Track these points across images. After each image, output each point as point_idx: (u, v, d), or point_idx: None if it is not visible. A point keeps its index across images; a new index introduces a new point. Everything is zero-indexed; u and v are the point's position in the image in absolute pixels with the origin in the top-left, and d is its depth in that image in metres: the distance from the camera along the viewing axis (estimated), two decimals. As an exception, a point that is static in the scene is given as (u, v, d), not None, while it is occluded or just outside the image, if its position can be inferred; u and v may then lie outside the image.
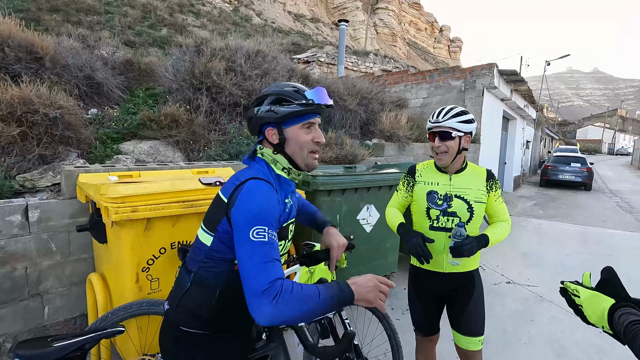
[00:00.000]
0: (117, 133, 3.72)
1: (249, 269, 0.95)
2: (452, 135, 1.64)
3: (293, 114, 1.14)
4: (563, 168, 13.64)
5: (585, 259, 5.13)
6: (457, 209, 1.70)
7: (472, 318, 1.77)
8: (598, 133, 53.55)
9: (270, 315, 0.89)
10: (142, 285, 1.91)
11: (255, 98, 1.22)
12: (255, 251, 0.96)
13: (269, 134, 1.18)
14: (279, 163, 1.19)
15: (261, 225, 0.99)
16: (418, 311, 1.91)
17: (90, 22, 12.03)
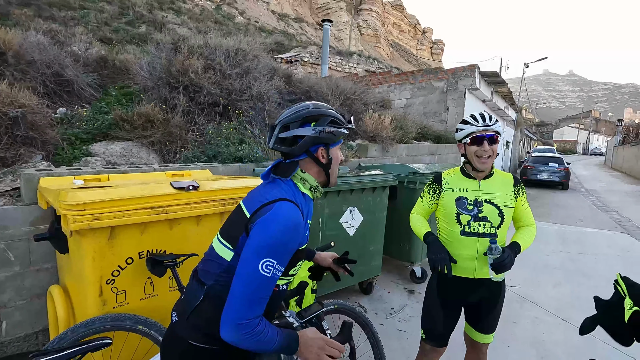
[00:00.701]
0: (87, 134, 3.52)
1: (239, 296, 0.99)
2: (497, 139, 1.69)
3: (343, 135, 1.21)
4: (541, 168, 13.95)
5: (566, 258, 5.20)
6: (488, 214, 1.70)
7: (491, 320, 1.83)
8: (573, 134, 55.41)
9: (231, 341, 0.99)
10: (106, 299, 1.77)
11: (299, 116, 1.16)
12: (254, 282, 0.99)
13: (320, 154, 1.19)
14: (307, 182, 1.19)
15: (273, 259, 1.00)
16: (436, 319, 1.85)
17: (64, 18, 11.56)
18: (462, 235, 1.72)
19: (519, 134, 20.94)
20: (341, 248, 3.24)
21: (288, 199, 1.08)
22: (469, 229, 1.71)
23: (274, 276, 1.01)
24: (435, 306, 1.86)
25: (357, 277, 3.53)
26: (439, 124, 8.59)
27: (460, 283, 1.78)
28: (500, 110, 11.70)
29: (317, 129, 1.14)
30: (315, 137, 1.14)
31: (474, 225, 1.70)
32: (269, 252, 1.00)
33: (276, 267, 1.01)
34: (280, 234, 1.01)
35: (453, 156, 7.93)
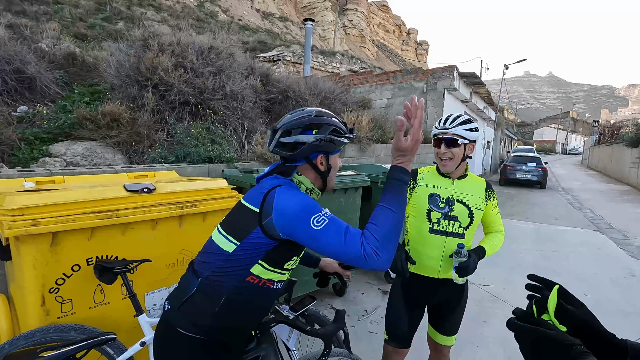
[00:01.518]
0: (47, 133, 3.37)
1: (338, 248, 0.98)
2: (458, 142, 1.65)
3: (343, 145, 1.24)
4: (520, 167, 14.26)
5: (539, 256, 5.30)
6: (458, 213, 1.70)
7: (456, 321, 1.83)
8: (552, 134, 56.95)
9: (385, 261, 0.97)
10: (49, 309, 1.67)
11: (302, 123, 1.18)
12: (329, 235, 0.99)
13: (319, 161, 1.22)
14: (303, 184, 1.22)
15: (314, 213, 1.02)
16: (400, 320, 1.82)
17: (35, 13, 11.14)
18: (430, 232, 1.72)
19: (499, 134, 21.35)
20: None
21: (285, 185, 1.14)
22: (437, 226, 1.71)
23: (331, 217, 1.03)
24: (399, 306, 1.84)
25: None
26: (419, 124, 8.65)
27: (424, 283, 1.77)
28: (479, 111, 11.88)
29: (319, 137, 1.16)
30: (316, 145, 1.17)
31: (443, 223, 1.70)
32: (307, 213, 1.02)
33: (324, 214, 1.03)
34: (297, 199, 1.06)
35: (432, 156, 7.99)
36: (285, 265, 1.18)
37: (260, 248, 1.10)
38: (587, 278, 4.43)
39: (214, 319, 1.13)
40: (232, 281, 1.13)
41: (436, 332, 1.86)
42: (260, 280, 1.14)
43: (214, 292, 1.12)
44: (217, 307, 1.12)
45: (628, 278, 4.48)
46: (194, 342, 1.13)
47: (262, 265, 1.12)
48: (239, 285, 1.13)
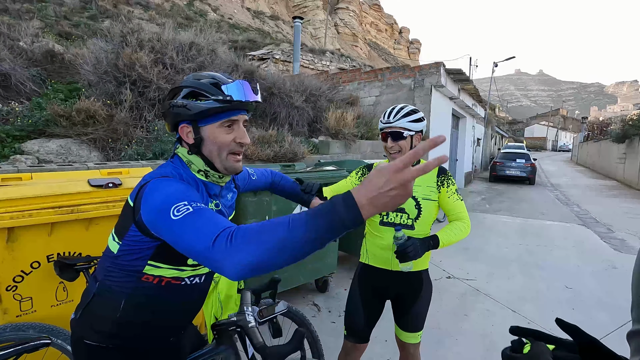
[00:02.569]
0: (20, 131, 3.30)
1: (189, 241, 0.77)
2: (403, 135, 1.63)
3: (210, 110, 0.98)
4: (509, 164, 14.40)
5: (523, 250, 5.33)
6: (405, 205, 1.67)
7: (418, 317, 1.77)
8: (543, 131, 57.59)
9: (236, 262, 0.69)
10: (7, 307, 1.62)
11: (170, 89, 1.06)
12: (185, 225, 0.79)
13: (183, 132, 1.03)
14: (193, 164, 1.05)
15: (178, 202, 0.83)
16: (357, 314, 1.79)
17: (18, 11, 10.94)
18: (381, 225, 1.72)
19: (490, 131, 21.51)
20: (292, 246, 3.18)
21: (167, 176, 0.97)
22: (387, 218, 1.71)
23: (198, 208, 0.82)
24: (356, 300, 1.82)
25: (313, 275, 3.47)
26: (407, 121, 8.66)
27: (379, 274, 1.75)
28: (468, 108, 11.94)
29: (172, 103, 1.00)
30: (172, 113, 1.01)
31: (392, 215, 1.70)
32: (169, 203, 0.83)
33: (192, 204, 0.82)
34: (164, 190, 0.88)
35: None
36: (189, 261, 1.03)
37: (142, 247, 0.96)
38: (569, 271, 4.46)
39: (117, 324, 1.02)
40: (127, 283, 1.00)
41: (399, 329, 1.82)
42: (160, 279, 1.01)
43: (112, 296, 1.01)
44: (118, 312, 1.01)
45: (609, 270, 4.53)
46: (103, 352, 1.03)
47: (154, 265, 0.99)
48: (136, 287, 1.00)
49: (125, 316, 1.02)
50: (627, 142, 14.30)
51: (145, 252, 0.97)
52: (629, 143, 14.09)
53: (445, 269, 4.48)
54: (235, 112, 1.02)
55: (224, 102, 0.98)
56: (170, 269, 1.01)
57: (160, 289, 1.03)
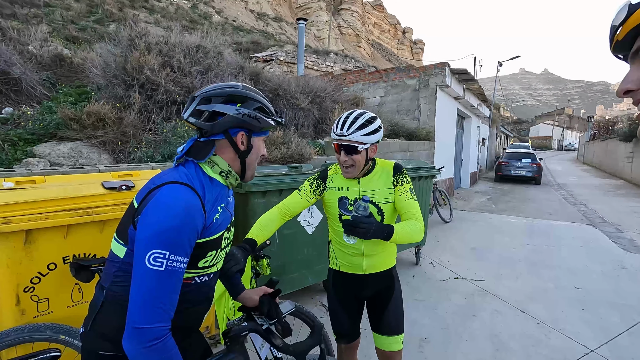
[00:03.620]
0: (31, 134, 3.34)
1: (135, 297, 0.89)
2: (357, 149, 1.51)
3: (270, 126, 1.14)
4: (515, 164, 14.31)
5: (530, 250, 5.30)
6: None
7: (392, 317, 1.72)
8: (548, 130, 57.17)
9: (132, 354, 0.88)
10: (24, 308, 1.65)
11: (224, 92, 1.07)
12: (147, 280, 0.88)
13: (239, 139, 1.10)
14: (217, 165, 1.09)
15: (162, 249, 0.88)
16: (340, 318, 1.79)
17: (26, 16, 11.08)
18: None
19: (495, 131, 21.40)
20: (300, 247, 3.20)
21: (179, 182, 0.97)
22: None
23: (173, 269, 0.89)
24: (334, 304, 1.81)
25: (320, 276, 3.48)
26: (411, 122, 8.65)
27: (351, 279, 1.71)
28: (473, 108, 11.89)
29: (242, 111, 1.06)
30: (237, 119, 1.05)
31: None
32: (155, 242, 0.88)
33: (171, 259, 0.89)
34: (166, 219, 0.89)
35: (425, 153, 8.00)
36: (199, 264, 1.04)
37: None
38: (578, 271, 4.43)
39: None
40: None
41: (378, 336, 1.73)
42: None
43: (121, 303, 0.97)
44: None
45: (618, 270, 4.50)
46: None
47: None
48: None
49: None
50: (634, 140, 14.17)
51: None
52: (636, 142, 13.96)
53: (452, 269, 4.47)
54: (269, 131, 1.22)
55: (277, 123, 1.16)
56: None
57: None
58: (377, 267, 1.69)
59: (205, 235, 1.02)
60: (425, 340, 2.86)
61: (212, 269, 1.13)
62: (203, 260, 1.05)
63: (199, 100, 1.06)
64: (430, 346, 2.78)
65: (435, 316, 3.26)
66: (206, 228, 1.01)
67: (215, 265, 1.13)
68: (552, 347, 2.78)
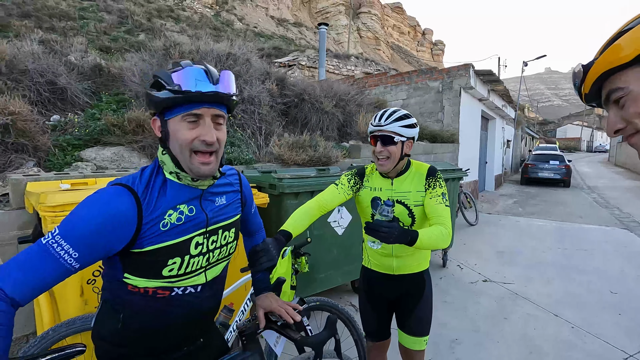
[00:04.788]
0: (78, 140, 3.58)
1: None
2: (394, 140, 1.54)
3: (165, 102, 0.88)
4: (542, 166, 13.91)
5: (561, 254, 5.18)
6: (399, 214, 1.62)
7: (418, 320, 1.72)
8: (577, 131, 55.05)
9: None
10: (87, 299, 1.80)
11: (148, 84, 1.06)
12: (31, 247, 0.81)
13: (154, 126, 0.95)
14: (166, 165, 0.95)
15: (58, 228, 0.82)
16: (370, 316, 1.84)
17: (63, 28, 11.73)
18: None
19: (520, 133, 20.85)
20: (330, 247, 3.27)
21: (117, 183, 0.90)
22: None
23: (49, 250, 0.79)
24: (363, 302, 1.85)
25: (349, 276, 3.55)
26: (435, 124, 8.60)
27: (381, 278, 1.75)
28: (498, 109, 11.68)
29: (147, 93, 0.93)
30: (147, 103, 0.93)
31: None
32: (61, 224, 0.83)
33: (56, 240, 0.80)
34: (79, 210, 0.84)
35: (449, 155, 7.93)
36: (163, 272, 0.93)
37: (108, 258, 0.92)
38: (613, 276, 4.30)
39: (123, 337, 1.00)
40: (119, 293, 0.96)
41: (402, 333, 1.75)
42: (146, 289, 0.94)
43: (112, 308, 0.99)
44: (119, 324, 0.98)
45: (657, 275, 4.34)
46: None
47: (131, 278, 0.93)
48: (128, 298, 0.95)
49: (127, 327, 0.98)
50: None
51: (114, 264, 0.93)
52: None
53: (480, 272, 4.43)
54: (197, 104, 0.90)
55: (175, 93, 0.87)
56: (153, 281, 0.94)
57: (152, 300, 0.95)
58: (408, 269, 1.70)
59: (155, 241, 0.91)
60: (456, 341, 2.87)
61: (195, 279, 1.01)
62: (166, 268, 0.93)
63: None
64: (462, 347, 2.78)
65: (465, 318, 3.26)
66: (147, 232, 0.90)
67: (196, 274, 1.01)
68: (588, 351, 2.73)
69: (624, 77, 0.58)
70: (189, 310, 1.03)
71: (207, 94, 0.89)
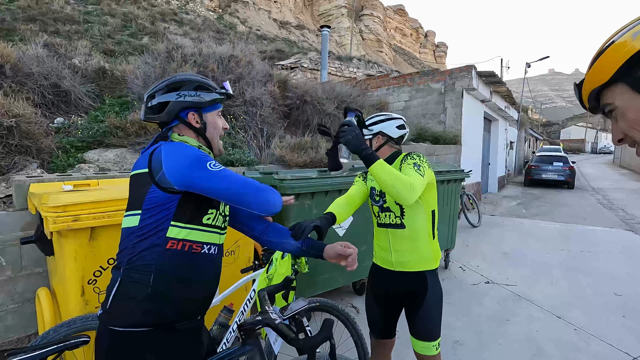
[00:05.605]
0: (82, 142, 3.60)
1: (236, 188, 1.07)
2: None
3: (216, 100, 1.24)
4: (546, 167, 13.83)
5: (566, 256, 5.14)
6: (390, 204, 1.66)
7: (425, 322, 1.68)
8: (581, 133, 54.72)
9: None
10: (88, 299, 1.81)
11: (163, 84, 1.21)
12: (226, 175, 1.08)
13: (191, 118, 1.22)
14: (194, 144, 1.21)
15: (209, 160, 1.08)
16: (373, 311, 1.84)
17: (68, 32, 11.85)
18: (378, 226, 1.73)
19: (523, 134, 20.76)
20: (332, 248, 3.27)
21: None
22: (380, 220, 1.71)
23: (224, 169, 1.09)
24: (370, 300, 1.85)
25: (349, 278, 3.54)
26: (437, 125, 8.58)
27: (383, 274, 1.76)
28: (501, 110, 11.63)
29: (182, 94, 1.19)
30: (181, 102, 1.18)
31: (382, 216, 1.69)
32: (201, 160, 1.06)
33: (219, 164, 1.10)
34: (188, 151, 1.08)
35: (452, 157, 7.91)
36: (203, 219, 1.13)
37: (164, 206, 1.06)
38: (619, 277, 4.26)
39: (151, 301, 1.04)
40: (153, 255, 1.05)
41: (413, 339, 1.73)
42: (183, 243, 1.08)
43: (141, 274, 1.04)
44: (148, 289, 1.03)
45: (663, 277, 4.29)
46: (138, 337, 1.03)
47: (177, 226, 1.07)
48: (162, 256, 1.05)
49: (156, 290, 1.04)
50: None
51: (167, 211, 1.06)
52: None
53: (483, 273, 4.40)
54: (221, 104, 1.30)
55: (224, 95, 1.26)
56: (191, 229, 1.10)
57: (184, 256, 1.08)
58: (406, 266, 1.68)
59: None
60: (458, 342, 2.85)
61: (215, 236, 1.18)
62: (205, 216, 1.14)
63: (147, 99, 1.21)
64: (464, 349, 2.77)
65: (467, 320, 3.24)
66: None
67: (217, 231, 1.19)
68: (593, 353, 2.70)
69: (610, 93, 0.60)
70: (211, 269, 1.18)
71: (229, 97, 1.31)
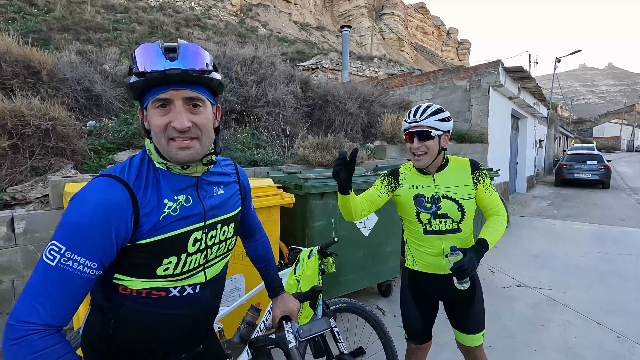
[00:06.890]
0: (112, 143, 3.73)
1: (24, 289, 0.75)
2: (431, 134, 1.55)
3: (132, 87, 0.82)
4: (578, 166, 13.20)
5: (601, 259, 4.87)
6: (447, 209, 1.61)
7: (478, 316, 1.70)
8: (615, 130, 51.98)
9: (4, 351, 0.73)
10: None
11: None
12: (34, 273, 0.75)
13: (140, 117, 0.90)
14: (153, 154, 0.89)
15: (60, 243, 0.74)
16: (414, 318, 1.78)
17: (99, 40, 12.36)
18: (425, 233, 1.65)
19: (553, 132, 19.95)
20: (356, 248, 3.23)
21: (108, 174, 0.83)
22: (430, 227, 1.63)
23: (65, 269, 0.74)
24: (409, 305, 1.79)
25: (375, 279, 3.49)
26: (462, 124, 8.36)
27: (429, 279, 1.70)
28: (529, 107, 11.21)
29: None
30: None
31: (434, 223, 1.62)
32: (58, 235, 0.75)
33: (66, 256, 0.74)
34: (72, 213, 0.77)
35: (477, 156, 7.68)
36: (157, 271, 0.86)
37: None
38: (662, 282, 3.99)
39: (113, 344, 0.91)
40: (110, 296, 0.88)
41: (460, 333, 1.73)
42: (139, 291, 0.87)
43: (102, 312, 0.90)
44: (109, 329, 0.89)
45: None
46: None
47: (120, 278, 0.86)
48: (119, 300, 0.87)
49: (118, 333, 0.90)
50: None
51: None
52: None
53: (514, 277, 4.24)
54: (163, 87, 0.80)
55: (138, 76, 0.79)
56: (147, 281, 0.87)
57: (144, 302, 0.88)
58: None
59: (150, 234, 0.84)
60: (490, 348, 2.74)
61: (193, 278, 0.94)
62: (161, 267, 0.86)
63: None
64: (496, 354, 2.66)
65: (498, 324, 3.11)
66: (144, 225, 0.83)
67: (194, 273, 0.94)
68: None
69: None
70: (187, 314, 0.95)
71: (170, 74, 0.78)
